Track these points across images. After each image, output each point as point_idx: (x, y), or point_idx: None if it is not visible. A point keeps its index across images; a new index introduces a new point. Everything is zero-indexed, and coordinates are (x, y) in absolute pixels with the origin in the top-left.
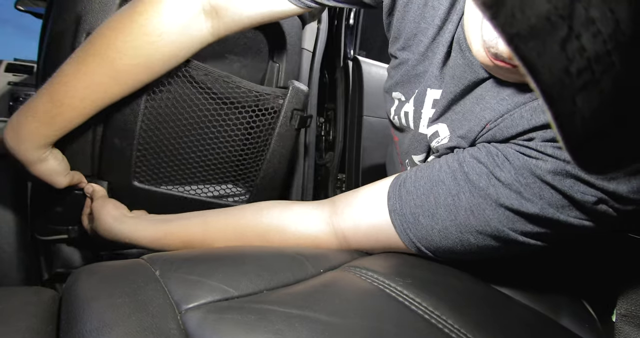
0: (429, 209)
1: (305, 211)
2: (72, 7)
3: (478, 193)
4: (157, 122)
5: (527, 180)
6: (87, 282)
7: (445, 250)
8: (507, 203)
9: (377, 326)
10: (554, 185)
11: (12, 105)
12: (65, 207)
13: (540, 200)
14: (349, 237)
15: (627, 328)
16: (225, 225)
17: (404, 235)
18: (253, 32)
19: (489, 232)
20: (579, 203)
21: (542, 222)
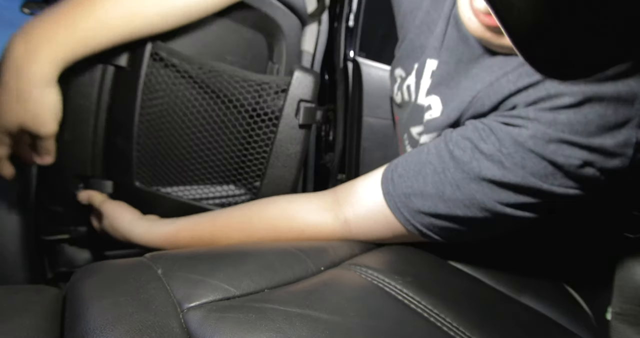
0: (418, 188)
1: (310, 201)
2: None
3: (462, 168)
4: (154, 119)
5: (510, 149)
6: (89, 281)
7: (440, 227)
8: (489, 175)
9: (376, 324)
10: (536, 152)
11: None
12: (68, 207)
13: (522, 170)
14: (351, 224)
15: (622, 326)
16: (234, 218)
17: (399, 214)
18: (252, 33)
19: (476, 206)
20: (563, 168)
21: (526, 193)
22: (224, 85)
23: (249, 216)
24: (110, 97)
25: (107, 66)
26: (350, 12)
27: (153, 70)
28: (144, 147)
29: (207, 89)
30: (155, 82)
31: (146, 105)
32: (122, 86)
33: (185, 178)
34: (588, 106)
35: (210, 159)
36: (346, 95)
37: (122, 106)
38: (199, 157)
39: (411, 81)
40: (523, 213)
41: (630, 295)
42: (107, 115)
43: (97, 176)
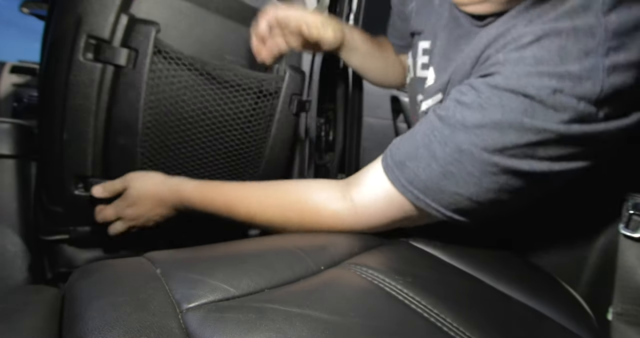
0: (411, 153)
1: (323, 182)
2: (72, 9)
3: (447, 123)
4: (158, 117)
5: (487, 93)
6: (88, 281)
7: (436, 189)
8: (471, 121)
9: (377, 324)
10: (510, 89)
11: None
12: (68, 207)
13: (502, 108)
14: (357, 204)
15: (623, 326)
16: (249, 191)
17: (397, 182)
18: None
19: (466, 159)
20: (537, 99)
21: (511, 133)
22: (229, 82)
23: (265, 189)
24: (109, 97)
25: (107, 66)
26: (351, 12)
27: (155, 69)
28: (147, 145)
29: (211, 86)
30: (158, 80)
31: (149, 103)
32: (124, 85)
33: (188, 171)
34: (548, 40)
35: (213, 151)
36: (346, 95)
37: (124, 105)
38: (202, 150)
39: (410, 61)
40: (513, 161)
41: (632, 295)
42: (106, 115)
43: (97, 176)
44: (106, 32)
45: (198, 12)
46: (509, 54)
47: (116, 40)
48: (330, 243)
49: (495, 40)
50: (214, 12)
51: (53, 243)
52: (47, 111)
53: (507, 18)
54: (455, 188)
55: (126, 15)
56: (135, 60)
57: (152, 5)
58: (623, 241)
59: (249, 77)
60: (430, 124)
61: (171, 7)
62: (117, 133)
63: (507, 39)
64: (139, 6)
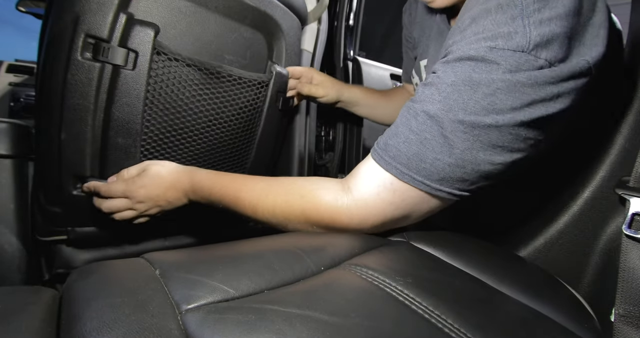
0: (392, 132)
1: (325, 181)
2: (70, 8)
3: (416, 102)
4: (157, 117)
5: (442, 68)
6: (86, 282)
7: (417, 159)
8: (432, 91)
9: (377, 325)
10: (458, 58)
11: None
12: (66, 207)
13: (454, 73)
14: (355, 195)
15: (626, 328)
16: (256, 182)
17: (382, 161)
18: (252, 32)
19: (435, 122)
20: (479, 57)
21: (465, 90)
22: (223, 82)
23: (270, 182)
24: (108, 97)
25: (105, 65)
26: (350, 11)
27: (155, 71)
28: (145, 144)
29: (208, 86)
30: (159, 81)
31: (149, 104)
32: (124, 86)
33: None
34: (481, 18)
35: (208, 146)
36: None
37: (124, 106)
38: (200, 148)
39: (416, 79)
40: (477, 117)
41: (635, 297)
42: (104, 115)
43: (95, 176)
44: (104, 31)
45: (197, 11)
46: (455, 37)
47: (114, 40)
48: (330, 244)
49: (450, 34)
50: (213, 12)
51: (51, 244)
52: (44, 110)
53: (460, 14)
54: (433, 154)
55: (125, 14)
56: (135, 62)
57: (151, 4)
58: (626, 241)
59: (243, 77)
60: (406, 109)
61: (170, 6)
62: (116, 133)
63: (454, 29)
64: (138, 5)
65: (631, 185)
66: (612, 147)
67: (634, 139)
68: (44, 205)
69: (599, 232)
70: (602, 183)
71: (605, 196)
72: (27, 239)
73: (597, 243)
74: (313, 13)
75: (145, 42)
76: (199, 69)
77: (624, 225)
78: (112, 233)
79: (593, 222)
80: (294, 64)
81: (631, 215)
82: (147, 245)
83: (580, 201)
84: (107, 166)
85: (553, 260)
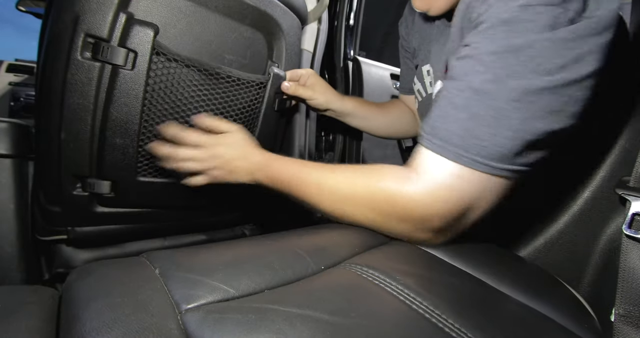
0: (439, 116)
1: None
2: (70, 7)
3: (456, 79)
4: (156, 117)
5: (476, 39)
6: (86, 281)
7: (472, 138)
8: (473, 64)
9: (378, 325)
10: (491, 25)
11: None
12: (65, 207)
13: (491, 42)
14: (423, 185)
15: (626, 328)
16: (321, 164)
17: (433, 145)
18: (252, 31)
19: (484, 95)
20: (514, 19)
21: (507, 56)
22: (222, 82)
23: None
24: (108, 96)
25: (105, 65)
26: (350, 11)
27: (154, 71)
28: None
29: (207, 87)
30: (158, 81)
31: (148, 105)
32: (123, 86)
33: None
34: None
35: None
36: (346, 94)
37: (123, 106)
38: None
39: (419, 86)
40: (526, 81)
41: (635, 297)
42: (104, 114)
43: (95, 176)
44: (104, 30)
45: (197, 11)
46: (478, 9)
47: (114, 39)
48: (331, 243)
49: (465, 10)
50: (213, 11)
51: (51, 244)
52: (44, 110)
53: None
54: (488, 129)
55: (124, 13)
56: (134, 62)
57: (151, 4)
58: (626, 241)
59: (241, 78)
60: (445, 89)
61: (170, 6)
62: (114, 133)
63: (473, 2)
64: (138, 5)
65: (631, 185)
66: (612, 147)
67: (634, 139)
68: (44, 205)
69: (599, 232)
70: (602, 183)
71: (605, 196)
72: (27, 239)
73: (597, 243)
74: (313, 13)
75: (144, 42)
76: (197, 69)
77: (624, 225)
78: (112, 233)
79: (593, 222)
80: (294, 64)
81: (631, 215)
82: (147, 245)
83: (580, 201)
84: (105, 166)
85: (553, 260)
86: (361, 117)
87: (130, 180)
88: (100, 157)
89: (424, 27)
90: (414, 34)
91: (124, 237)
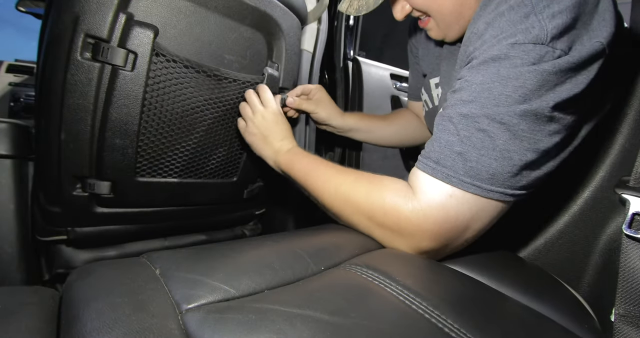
0: (432, 140)
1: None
2: (69, 8)
3: (449, 108)
4: (156, 117)
5: (468, 73)
6: (86, 282)
7: (461, 160)
8: (464, 94)
9: (378, 325)
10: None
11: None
12: (65, 207)
13: (482, 75)
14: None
15: (626, 328)
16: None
17: (428, 168)
18: (252, 32)
19: (471, 119)
20: (503, 56)
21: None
22: (220, 83)
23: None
24: (107, 97)
25: (105, 65)
26: None
27: (154, 72)
28: (143, 144)
29: (205, 87)
30: (157, 81)
31: (147, 105)
32: (123, 87)
33: (183, 164)
34: (496, 21)
35: (205, 145)
36: (346, 94)
37: (123, 106)
38: (195, 145)
39: (425, 97)
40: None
41: (635, 297)
42: (104, 115)
43: (94, 176)
44: (104, 31)
45: (197, 11)
46: (474, 44)
47: (114, 40)
48: (331, 244)
49: (467, 43)
50: (213, 11)
51: (51, 244)
52: (44, 110)
53: (470, 25)
54: (476, 150)
55: (124, 14)
56: (134, 63)
57: (151, 4)
58: (626, 241)
59: (237, 78)
60: (440, 117)
61: (170, 6)
62: (114, 134)
63: (470, 36)
64: (137, 5)
65: (631, 185)
66: (612, 147)
67: (634, 139)
68: (44, 205)
69: (599, 232)
70: (602, 183)
71: (605, 196)
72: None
73: (597, 243)
74: (313, 13)
75: (144, 43)
76: (196, 70)
77: (624, 225)
78: (112, 234)
79: (593, 222)
80: (293, 64)
81: (631, 215)
82: (147, 245)
83: (580, 201)
84: (104, 167)
85: (553, 260)
86: (364, 131)
87: (129, 180)
88: (99, 158)
89: (431, 40)
90: (421, 43)
91: (124, 237)
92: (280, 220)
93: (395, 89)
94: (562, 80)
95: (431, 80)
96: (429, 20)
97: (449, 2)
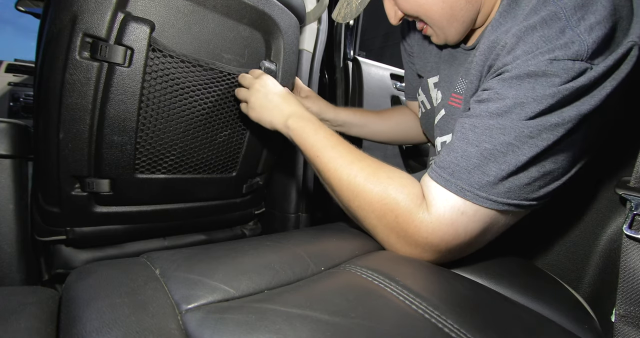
0: (449, 149)
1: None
2: (68, 7)
3: (473, 117)
4: (154, 114)
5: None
6: (86, 282)
7: (479, 172)
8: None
9: (377, 326)
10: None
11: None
12: (65, 207)
13: (516, 90)
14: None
15: (627, 328)
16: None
17: (441, 179)
18: (250, 31)
19: (496, 131)
20: (541, 72)
21: (529, 103)
22: (216, 77)
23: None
24: (104, 95)
25: (103, 64)
26: None
27: (151, 67)
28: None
29: (202, 82)
30: (154, 77)
31: (145, 101)
32: (120, 84)
33: (182, 160)
34: (528, 35)
35: (204, 139)
36: (346, 94)
37: (120, 104)
38: (194, 139)
39: (423, 97)
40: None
41: (636, 297)
42: (102, 113)
43: (93, 176)
44: (102, 30)
45: (195, 10)
46: (504, 58)
47: (112, 38)
48: (331, 245)
49: (489, 53)
50: (211, 10)
51: (50, 244)
52: (43, 110)
53: (488, 33)
54: (496, 164)
55: (122, 13)
56: (130, 59)
57: (149, 3)
58: (626, 242)
59: (234, 72)
60: (460, 126)
61: (168, 5)
62: (112, 130)
63: (498, 49)
64: (136, 4)
65: (631, 185)
66: (612, 147)
67: (633, 139)
68: (43, 205)
69: (599, 232)
70: (602, 183)
71: (605, 196)
72: (26, 239)
73: (598, 244)
74: (313, 13)
75: (140, 38)
76: (192, 65)
77: (625, 225)
78: (111, 234)
79: (593, 222)
80: (292, 63)
81: (632, 216)
82: (147, 245)
83: (580, 201)
84: (103, 165)
85: (553, 260)
86: (358, 125)
87: (128, 177)
88: (98, 156)
89: (426, 39)
90: (415, 41)
91: (123, 237)
92: (281, 220)
93: (395, 89)
94: (595, 88)
95: (429, 80)
96: (428, 27)
97: (437, 5)
